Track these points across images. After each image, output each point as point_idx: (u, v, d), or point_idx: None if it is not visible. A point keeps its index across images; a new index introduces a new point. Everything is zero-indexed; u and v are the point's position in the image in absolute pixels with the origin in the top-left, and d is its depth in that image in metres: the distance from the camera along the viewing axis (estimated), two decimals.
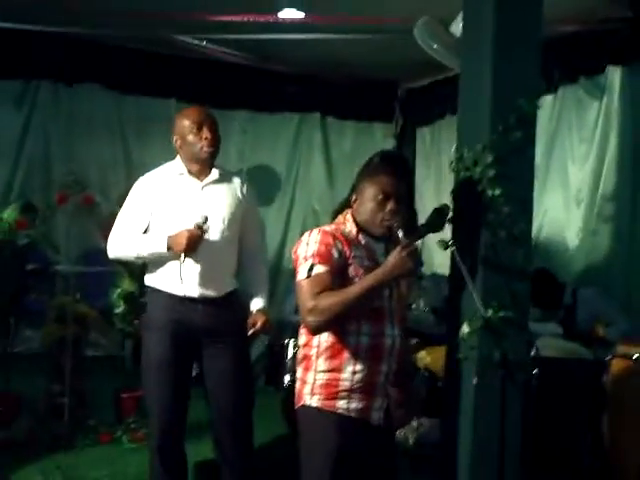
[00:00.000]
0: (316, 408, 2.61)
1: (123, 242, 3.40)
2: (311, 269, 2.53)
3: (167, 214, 3.35)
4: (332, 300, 2.49)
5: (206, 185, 3.43)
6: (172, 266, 3.36)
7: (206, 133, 3.37)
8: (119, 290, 4.39)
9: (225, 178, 3.49)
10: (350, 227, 2.69)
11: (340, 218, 2.75)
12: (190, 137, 3.37)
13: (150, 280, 3.47)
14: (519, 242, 3.47)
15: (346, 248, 2.59)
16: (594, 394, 3.76)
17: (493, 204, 3.40)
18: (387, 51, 6.18)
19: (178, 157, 3.47)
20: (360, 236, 2.68)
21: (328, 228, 2.66)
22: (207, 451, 3.70)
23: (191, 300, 3.37)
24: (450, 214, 3.30)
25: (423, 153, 7.63)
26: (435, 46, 4.64)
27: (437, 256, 6.28)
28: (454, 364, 3.56)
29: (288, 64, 7.02)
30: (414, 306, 5.08)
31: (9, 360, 4.45)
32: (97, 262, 3.51)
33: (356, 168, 3.02)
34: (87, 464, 3.98)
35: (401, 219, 2.65)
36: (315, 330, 2.58)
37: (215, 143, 3.41)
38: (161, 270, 3.40)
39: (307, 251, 2.58)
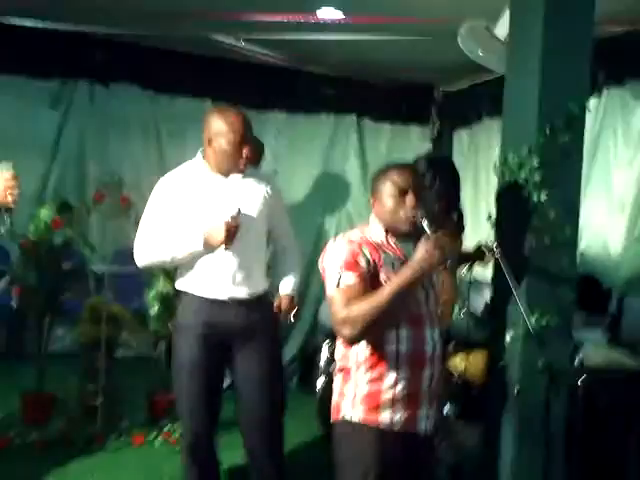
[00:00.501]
0: (357, 423, 2.52)
1: (153, 248, 3.34)
2: (339, 280, 2.46)
3: (195, 213, 3.30)
4: (363, 308, 2.40)
5: (232, 182, 3.38)
6: (202, 268, 3.32)
7: (246, 150, 3.30)
8: (154, 291, 4.36)
9: (250, 176, 3.44)
10: (376, 230, 2.62)
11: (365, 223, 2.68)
12: (228, 148, 3.28)
13: (180, 283, 3.43)
14: (565, 248, 3.42)
15: (374, 254, 2.52)
16: None
17: (538, 209, 3.35)
18: (425, 53, 6.10)
19: (199, 155, 3.40)
20: (388, 238, 2.60)
21: (353, 235, 2.58)
22: (239, 457, 3.66)
23: (222, 302, 3.33)
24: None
25: (460, 157, 7.51)
26: (480, 53, 4.55)
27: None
28: (496, 371, 3.52)
29: (324, 65, 6.95)
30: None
31: (44, 360, 4.42)
32: (132, 262, 3.46)
33: None
34: (120, 467, 3.95)
35: (424, 211, 2.56)
36: (351, 342, 2.49)
37: (249, 159, 3.35)
38: (191, 273, 3.36)
39: (333, 262, 2.50)
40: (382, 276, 2.50)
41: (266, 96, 7.06)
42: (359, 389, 2.53)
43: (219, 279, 3.32)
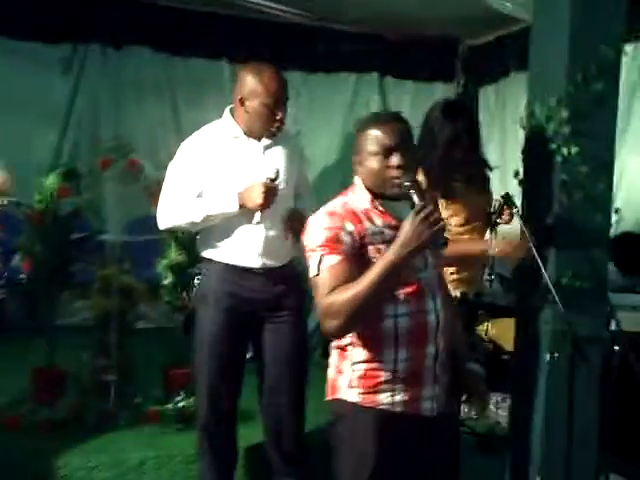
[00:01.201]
0: (355, 403, 2.29)
1: (179, 208, 3.17)
2: (320, 262, 2.18)
3: (225, 176, 3.13)
4: (345, 298, 2.12)
5: (267, 147, 3.21)
6: (231, 234, 3.16)
7: (281, 113, 3.14)
8: (166, 261, 4.20)
9: (282, 140, 3.27)
10: (361, 195, 2.32)
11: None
12: (262, 110, 3.11)
13: (206, 251, 3.26)
14: (597, 205, 3.22)
15: (359, 227, 2.23)
16: None
17: (568, 164, 3.16)
18: (448, 5, 5.83)
19: (228, 115, 3.23)
20: (376, 203, 2.31)
21: (334, 206, 2.28)
22: (257, 435, 3.52)
23: (250, 271, 3.17)
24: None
25: (486, 114, 7.26)
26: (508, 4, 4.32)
27: None
28: (525, 338, 3.38)
29: (344, 21, 6.71)
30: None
31: (57, 333, 4.29)
32: (144, 231, 3.29)
33: (415, 130, 2.79)
34: (132, 445, 3.81)
35: (413, 175, 2.27)
36: (334, 336, 2.24)
37: (282, 122, 3.19)
38: (219, 239, 3.20)
39: (313, 241, 2.22)
40: (371, 251, 2.23)
41: (284, 55, 6.79)
42: (355, 367, 2.29)
43: (249, 246, 3.18)
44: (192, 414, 3.67)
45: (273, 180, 3.08)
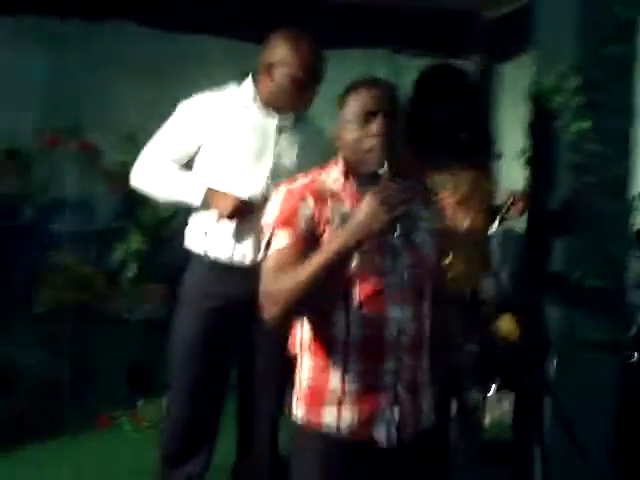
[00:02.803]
0: (300, 422, 2.08)
1: (149, 175, 2.96)
2: (270, 241, 2.03)
3: (226, 151, 2.91)
4: (286, 283, 1.93)
5: (283, 128, 2.97)
6: (219, 226, 2.92)
7: (311, 93, 2.95)
8: (127, 249, 3.95)
9: (303, 125, 3.05)
10: (335, 174, 2.10)
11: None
12: (290, 82, 2.87)
13: (190, 241, 3.02)
14: (613, 189, 3.00)
15: (318, 208, 2.02)
16: None
17: (579, 141, 2.94)
18: None
19: (249, 81, 2.99)
20: (349, 184, 2.08)
21: (298, 184, 2.08)
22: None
23: (240, 269, 2.91)
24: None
25: (504, 91, 7.00)
26: None
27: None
28: (533, 339, 3.15)
29: None
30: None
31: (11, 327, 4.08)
32: (102, 218, 3.05)
33: None
34: (76, 455, 3.56)
35: (396, 147, 2.01)
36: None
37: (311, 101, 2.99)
38: (204, 230, 2.96)
39: (267, 219, 2.07)
40: (326, 237, 2.01)
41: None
42: (303, 378, 2.08)
43: (241, 239, 2.93)
44: (151, 421, 3.43)
45: (252, 204, 2.84)
